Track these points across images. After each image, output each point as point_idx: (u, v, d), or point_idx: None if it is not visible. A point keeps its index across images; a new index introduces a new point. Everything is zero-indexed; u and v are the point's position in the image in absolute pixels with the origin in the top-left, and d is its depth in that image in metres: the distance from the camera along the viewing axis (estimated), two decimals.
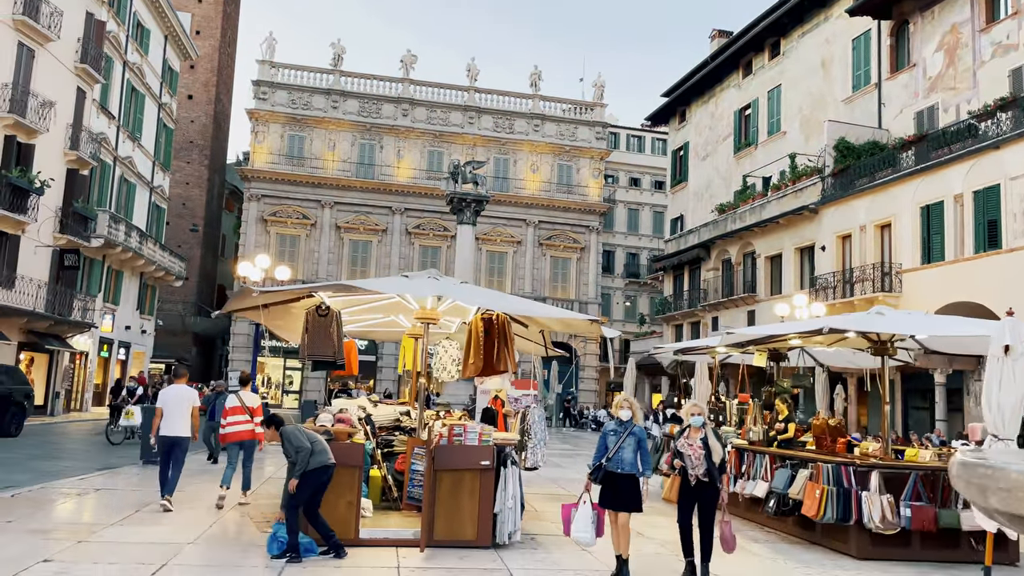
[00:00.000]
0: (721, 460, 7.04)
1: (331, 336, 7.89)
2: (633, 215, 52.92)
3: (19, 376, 20.08)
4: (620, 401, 7.21)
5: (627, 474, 6.87)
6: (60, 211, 26.55)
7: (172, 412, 9.35)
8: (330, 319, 7.94)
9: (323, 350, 7.92)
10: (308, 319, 8.02)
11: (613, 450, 6.88)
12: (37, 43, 24.69)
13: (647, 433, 8.19)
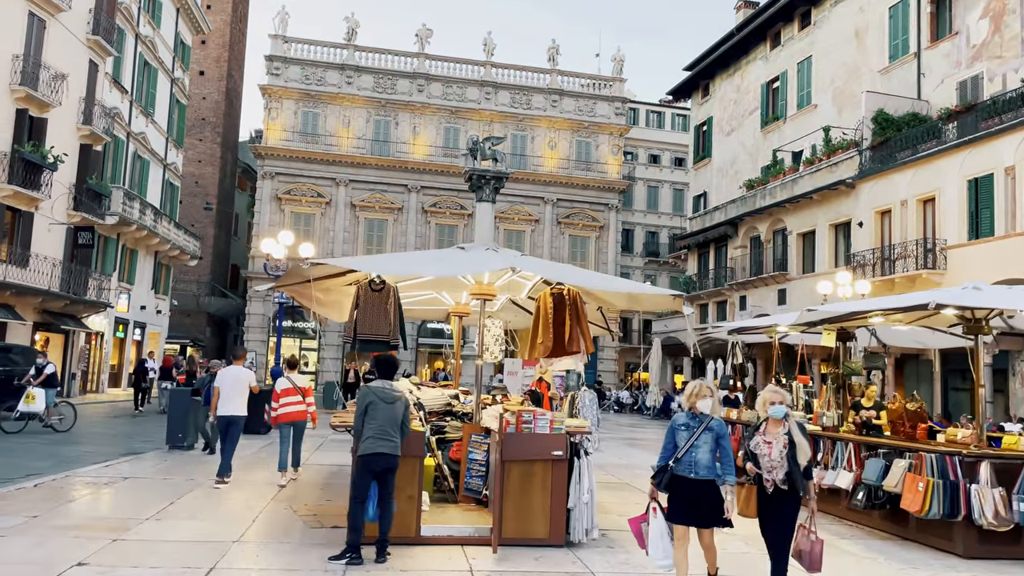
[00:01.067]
0: (809, 462, 5.56)
1: (388, 313, 7.13)
2: (652, 193, 51.92)
3: (34, 357, 19.42)
4: (697, 389, 5.75)
5: (702, 480, 5.54)
6: (74, 188, 25.83)
7: (229, 392, 9.86)
8: (386, 294, 7.17)
9: (378, 329, 7.15)
10: (359, 295, 7.25)
11: (684, 449, 5.57)
12: (48, 13, 23.86)
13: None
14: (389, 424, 6.39)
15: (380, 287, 7.23)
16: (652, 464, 5.89)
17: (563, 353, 7.18)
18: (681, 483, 5.60)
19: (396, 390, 6.60)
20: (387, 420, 6.39)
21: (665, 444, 5.77)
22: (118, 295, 29.86)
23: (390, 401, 6.49)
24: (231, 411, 9.90)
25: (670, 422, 5.85)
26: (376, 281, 7.25)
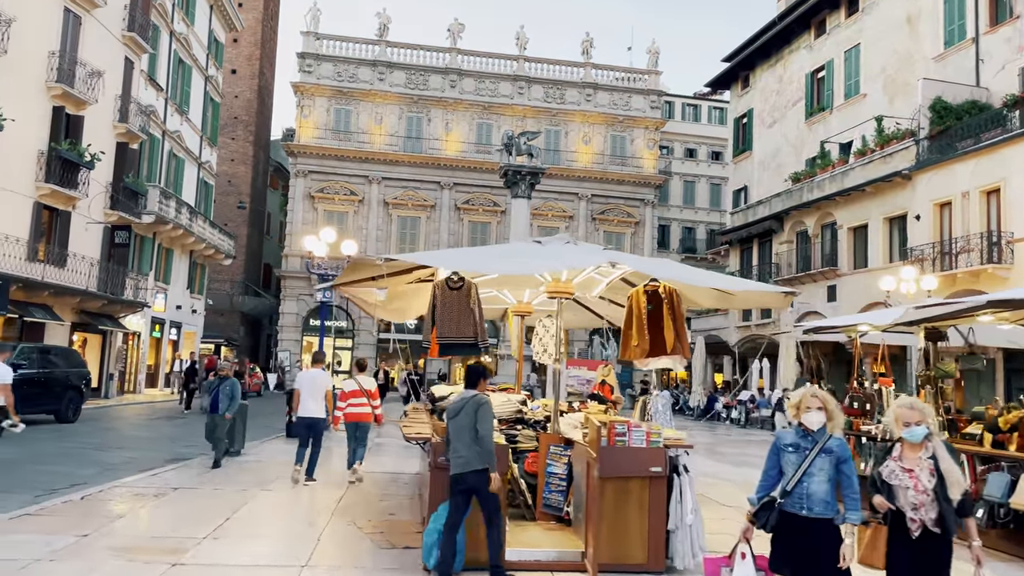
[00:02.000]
0: (964, 495, 4.30)
1: (471, 313, 6.49)
2: (689, 187, 50.91)
3: (75, 358, 19.15)
4: (805, 398, 4.51)
5: (817, 518, 4.31)
6: (110, 186, 25.58)
7: (308, 395, 10.16)
8: (466, 292, 6.54)
9: (461, 331, 6.52)
10: (436, 293, 6.62)
11: (794, 478, 4.36)
12: (83, 9, 23.58)
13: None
14: (457, 438, 5.77)
15: (459, 284, 6.59)
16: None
17: (660, 354, 6.49)
18: (789, 522, 4.37)
19: (464, 397, 5.95)
20: (456, 435, 5.80)
21: (766, 469, 4.57)
22: (155, 295, 29.64)
23: (454, 414, 5.86)
24: (311, 413, 10.21)
25: (773, 440, 4.66)
26: (454, 279, 6.61)
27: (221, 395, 11.39)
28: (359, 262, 6.55)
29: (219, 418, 11.36)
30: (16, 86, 20.79)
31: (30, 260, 21.44)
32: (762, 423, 27.33)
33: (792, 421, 4.63)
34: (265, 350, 52.27)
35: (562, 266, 6.54)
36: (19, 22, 20.47)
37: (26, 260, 21.19)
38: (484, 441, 5.65)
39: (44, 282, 21.63)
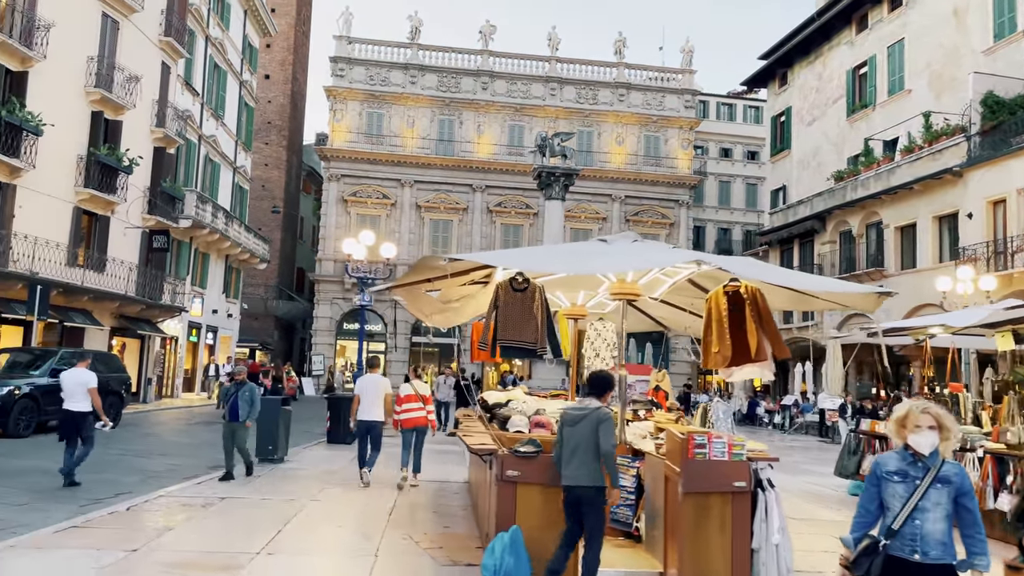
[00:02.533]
0: None
1: (534, 316, 6.13)
2: (724, 188, 50.13)
3: (115, 363, 19.09)
4: (916, 412, 3.70)
5: (936, 564, 3.57)
6: (148, 191, 25.63)
7: (367, 399, 10.43)
8: (531, 295, 6.18)
9: (523, 334, 6.15)
10: (499, 295, 6.26)
11: (903, 514, 3.60)
12: (121, 14, 23.65)
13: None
14: (573, 450, 5.43)
15: (523, 286, 6.23)
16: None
17: (746, 361, 6.06)
18: (897, 569, 3.60)
19: (586, 408, 5.57)
20: (572, 445, 5.45)
21: (863, 503, 3.81)
22: (191, 299, 29.68)
23: (573, 423, 5.50)
24: (371, 417, 10.49)
25: (872, 467, 3.87)
26: (519, 280, 6.24)
27: (240, 401, 10.49)
28: (425, 262, 6.18)
29: (239, 426, 10.51)
30: (55, 91, 20.87)
31: (70, 265, 21.49)
32: (807, 428, 26.63)
33: (895, 441, 3.84)
34: (299, 354, 52.37)
35: (644, 264, 6.13)
36: (58, 27, 20.54)
37: (66, 265, 21.24)
38: (609, 459, 5.37)
39: (84, 287, 21.66)
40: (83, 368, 10.42)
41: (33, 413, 15.13)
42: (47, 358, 16.27)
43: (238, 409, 10.50)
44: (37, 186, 20.39)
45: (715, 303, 6.06)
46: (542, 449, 5.81)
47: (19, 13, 19.43)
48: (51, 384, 15.62)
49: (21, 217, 19.89)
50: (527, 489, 5.82)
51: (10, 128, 19.04)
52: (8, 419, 14.51)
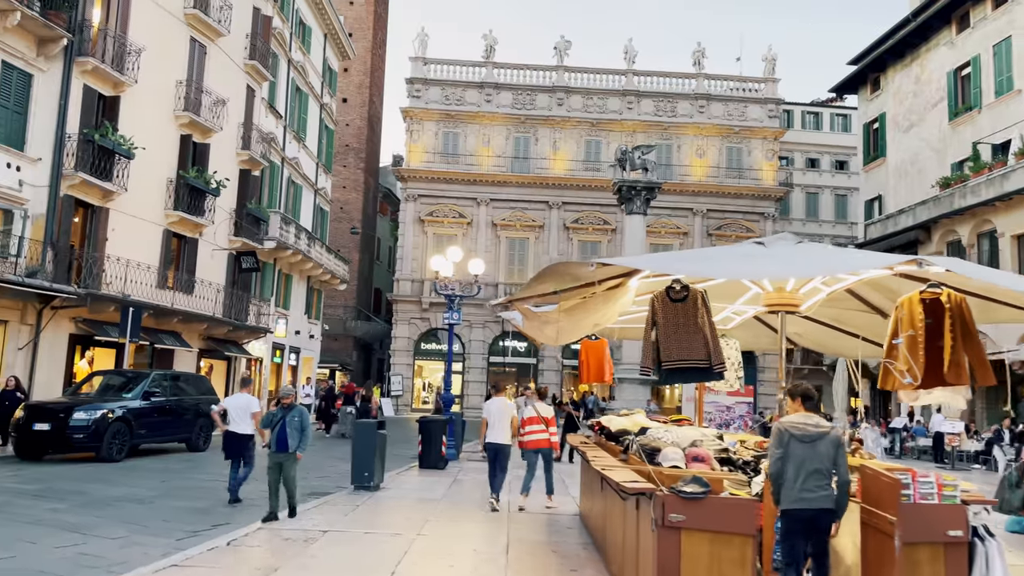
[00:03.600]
0: None
1: (700, 330, 5.27)
2: (812, 199, 48.13)
3: (205, 385, 18.97)
4: None
5: None
6: (234, 213, 25.77)
7: (495, 422, 10.43)
8: (692, 305, 5.32)
9: (690, 351, 5.30)
10: (656, 307, 5.42)
11: None
12: (208, 39, 23.90)
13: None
14: (808, 471, 4.86)
15: (682, 295, 5.37)
16: None
17: (937, 384, 5.07)
18: None
19: (819, 424, 4.96)
20: (805, 466, 4.87)
21: None
22: (276, 320, 29.73)
23: (809, 440, 4.89)
24: (498, 440, 10.44)
25: None
26: (676, 288, 5.39)
27: (288, 428, 9.04)
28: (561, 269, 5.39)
29: (287, 457, 9.08)
30: (146, 115, 21.10)
31: (159, 287, 21.61)
32: (918, 453, 24.77)
33: None
34: (377, 374, 52.41)
35: (838, 268, 5.21)
36: (148, 52, 20.78)
37: (156, 287, 21.35)
38: (846, 487, 4.98)
39: (174, 309, 21.75)
40: (246, 394, 11.28)
41: (126, 437, 14.95)
42: (139, 381, 16.15)
43: (286, 437, 9.02)
44: (128, 209, 20.57)
45: (909, 312, 5.08)
46: (710, 489, 4.92)
47: (111, 38, 19.70)
48: (143, 407, 15.51)
49: (113, 240, 20.07)
50: (693, 536, 4.93)
51: (103, 152, 19.25)
52: (101, 443, 14.33)
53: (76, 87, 18.93)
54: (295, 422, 9.04)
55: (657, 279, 5.96)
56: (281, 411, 9.19)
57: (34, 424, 14.15)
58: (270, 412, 9.23)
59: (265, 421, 9.28)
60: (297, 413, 9.13)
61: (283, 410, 9.19)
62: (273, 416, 9.23)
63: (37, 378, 18.11)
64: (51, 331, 18.57)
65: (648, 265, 5.28)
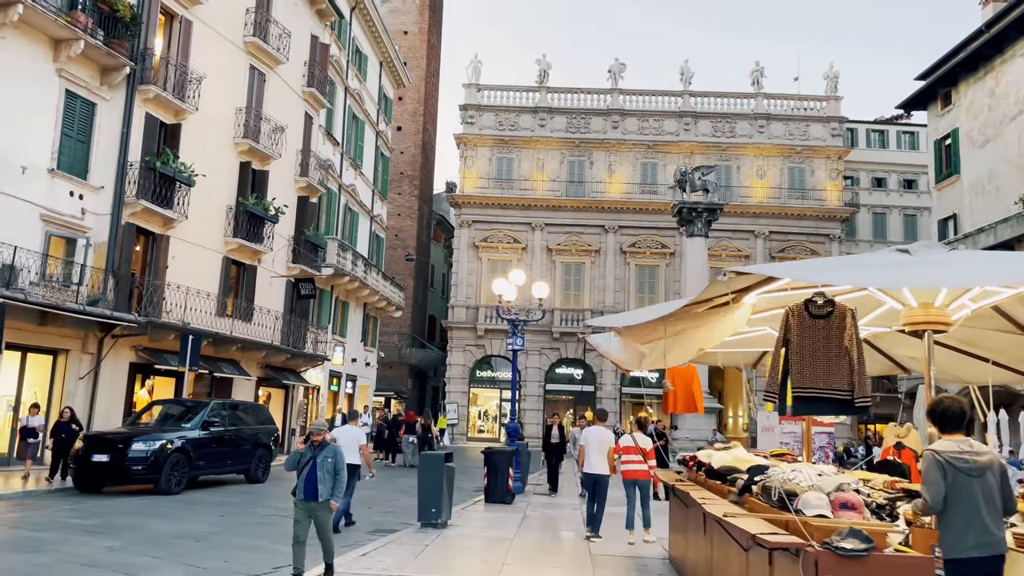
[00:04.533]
0: None
1: (847, 353, 4.46)
2: (879, 220, 46.36)
3: (263, 414, 18.54)
4: None
5: None
6: (292, 240, 25.61)
7: (592, 451, 10.26)
8: (838, 321, 4.52)
9: (830, 380, 4.49)
10: (791, 323, 4.64)
11: None
12: (267, 66, 23.92)
13: None
14: (976, 508, 3.98)
15: (826, 311, 4.58)
16: None
17: None
18: None
19: (980, 452, 4.07)
20: (981, 500, 3.99)
21: None
22: (333, 348, 29.42)
23: (976, 473, 4.00)
24: (596, 470, 10.28)
25: None
26: (818, 302, 4.60)
27: (319, 471, 7.35)
28: (744, 277, 4.53)
29: (319, 507, 7.36)
30: (206, 143, 21.08)
31: (219, 315, 21.41)
32: None
33: None
34: (432, 402, 51.91)
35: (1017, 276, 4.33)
36: (208, 80, 20.78)
37: (215, 315, 21.15)
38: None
39: (233, 337, 21.51)
40: (355, 426, 11.80)
41: (185, 468, 14.52)
42: (198, 410, 15.77)
43: (316, 482, 7.31)
44: (188, 236, 20.48)
45: None
46: (874, 545, 4.07)
47: (173, 67, 19.74)
48: (202, 437, 15.10)
49: (173, 268, 19.96)
50: None
51: (164, 179, 19.19)
52: (160, 475, 13.91)
53: (138, 115, 18.95)
54: (327, 464, 7.43)
55: (782, 293, 5.17)
56: (311, 450, 7.55)
57: (93, 455, 13.82)
58: (297, 452, 7.69)
59: (290, 462, 7.69)
60: (330, 453, 7.54)
61: (313, 449, 7.55)
62: (301, 456, 7.59)
63: (97, 408, 17.94)
64: (112, 360, 18.43)
65: (791, 274, 4.48)
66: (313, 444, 7.60)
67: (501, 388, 43.30)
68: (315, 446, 7.57)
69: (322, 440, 7.59)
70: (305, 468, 7.46)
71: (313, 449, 7.54)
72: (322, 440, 7.59)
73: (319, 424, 7.81)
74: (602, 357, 41.50)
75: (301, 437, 8.29)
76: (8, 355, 16.03)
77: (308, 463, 7.47)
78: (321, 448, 7.54)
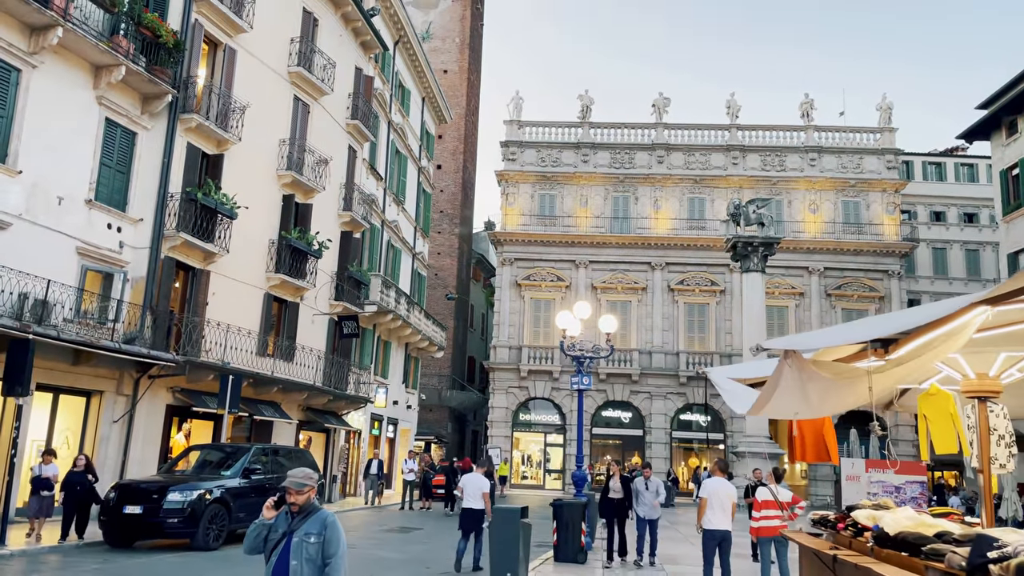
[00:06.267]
0: None
1: None
2: (939, 255, 44.33)
3: (306, 460, 17.22)
4: None
5: None
6: (335, 276, 24.60)
7: (715, 506, 9.32)
8: None
9: None
10: None
11: None
12: (312, 97, 23.19)
13: None
14: None
15: None
16: None
17: None
18: None
19: None
20: None
21: None
22: (375, 389, 28.17)
23: None
24: (721, 525, 9.38)
25: None
26: None
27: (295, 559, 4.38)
28: None
29: None
30: (248, 174, 20.25)
31: (259, 354, 20.32)
32: None
33: None
34: (472, 447, 50.30)
35: None
36: (251, 110, 20.01)
37: (256, 354, 20.06)
38: None
39: (274, 377, 20.36)
40: (480, 473, 12.14)
41: (224, 521, 13.21)
42: (239, 456, 14.52)
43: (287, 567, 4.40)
44: (229, 272, 19.52)
45: None
46: None
47: (216, 95, 18.99)
48: (243, 486, 13.84)
49: (213, 304, 18.96)
50: None
51: (205, 212, 18.30)
52: (197, 529, 12.61)
53: (179, 145, 18.16)
54: (308, 548, 4.39)
55: None
56: (285, 522, 4.49)
57: (125, 507, 12.58)
58: (261, 523, 4.56)
59: (251, 539, 4.61)
60: (317, 526, 4.44)
61: (290, 520, 4.49)
62: (269, 531, 4.53)
63: (132, 453, 16.80)
64: (147, 402, 17.34)
65: None
66: (291, 511, 4.51)
67: (545, 432, 41.66)
68: (293, 514, 4.50)
69: (306, 504, 4.50)
70: (274, 552, 4.46)
71: (290, 520, 4.49)
72: (306, 504, 4.50)
73: (298, 478, 4.52)
74: (651, 399, 40.16)
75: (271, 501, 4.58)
76: (39, 396, 15.01)
77: (280, 543, 4.46)
78: (304, 518, 4.45)
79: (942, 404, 7.08)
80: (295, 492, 4.47)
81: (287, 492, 4.50)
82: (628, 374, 40.14)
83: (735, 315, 39.80)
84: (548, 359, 40.48)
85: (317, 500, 4.65)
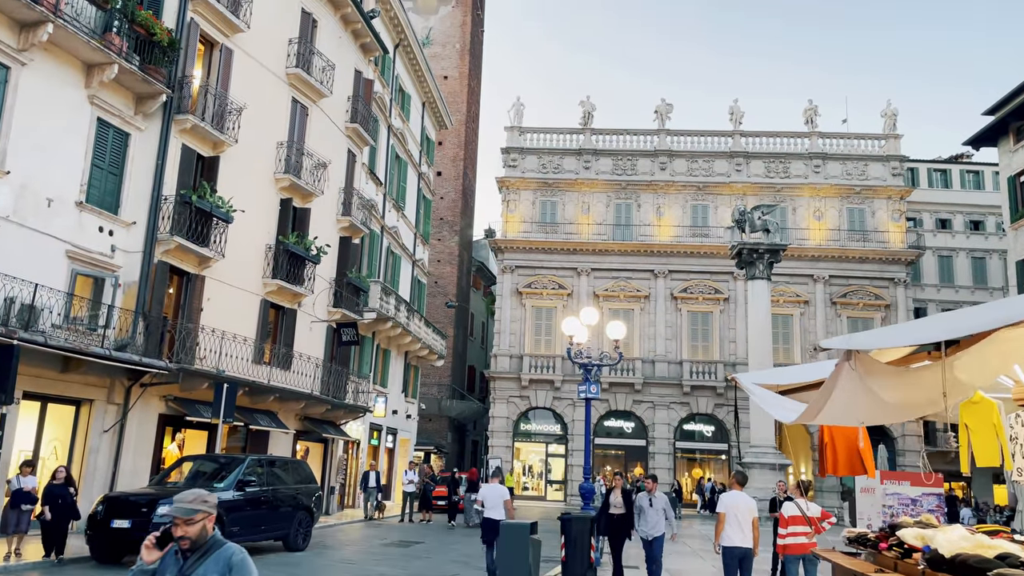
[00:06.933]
0: None
1: None
2: (945, 263, 43.86)
3: (304, 472, 16.64)
4: None
5: None
6: (334, 282, 24.06)
7: (733, 521, 8.90)
8: None
9: None
10: None
11: None
12: (310, 99, 22.69)
13: None
14: None
15: None
16: None
17: None
18: None
19: None
20: None
21: None
22: (375, 398, 27.57)
23: None
24: (743, 543, 8.94)
25: None
26: None
27: None
28: None
29: None
30: (244, 177, 19.73)
31: (255, 362, 19.75)
32: None
33: None
34: (471, 457, 49.66)
35: None
36: (249, 111, 19.51)
37: (251, 362, 19.49)
38: None
39: (270, 386, 19.78)
40: (497, 483, 12.25)
41: None
42: (233, 467, 13.95)
43: None
44: (225, 277, 18.97)
45: None
46: None
47: (212, 96, 18.49)
48: (237, 499, 13.25)
49: (208, 310, 18.40)
50: None
51: (200, 215, 17.76)
52: None
53: (174, 146, 17.63)
54: None
55: None
56: (175, 564, 3.41)
57: (113, 520, 12.00)
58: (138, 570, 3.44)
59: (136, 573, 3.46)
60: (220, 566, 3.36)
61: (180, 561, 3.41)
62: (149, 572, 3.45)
63: (123, 464, 16.21)
64: (139, 411, 16.76)
65: None
66: (181, 549, 3.40)
67: (547, 442, 41.05)
68: (185, 553, 3.40)
69: (200, 538, 3.40)
70: None
71: (180, 562, 3.40)
72: (200, 538, 3.40)
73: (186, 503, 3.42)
74: (653, 409, 39.53)
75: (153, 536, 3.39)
76: (26, 405, 14.43)
77: None
78: (200, 557, 3.39)
79: (985, 413, 6.53)
80: (183, 522, 3.32)
81: (173, 523, 3.36)
82: (631, 383, 39.56)
83: (739, 323, 39.30)
84: (549, 368, 39.93)
85: (218, 531, 3.47)
